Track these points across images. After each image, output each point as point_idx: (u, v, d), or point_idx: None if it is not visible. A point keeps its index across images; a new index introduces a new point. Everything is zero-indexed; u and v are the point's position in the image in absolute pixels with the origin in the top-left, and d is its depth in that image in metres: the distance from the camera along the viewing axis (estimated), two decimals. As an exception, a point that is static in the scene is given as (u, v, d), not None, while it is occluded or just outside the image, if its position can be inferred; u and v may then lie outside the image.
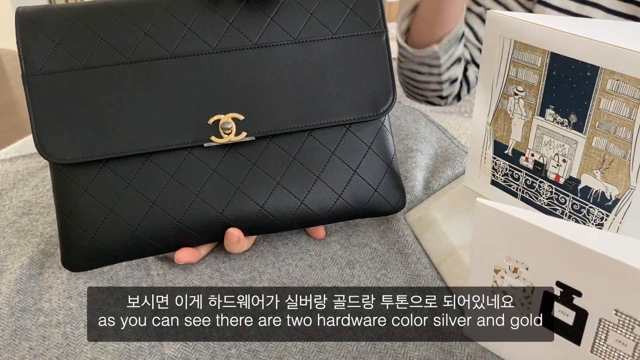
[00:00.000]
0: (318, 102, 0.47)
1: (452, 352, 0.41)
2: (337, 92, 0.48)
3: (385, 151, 0.50)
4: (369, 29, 0.49)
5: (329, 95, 0.48)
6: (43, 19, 0.45)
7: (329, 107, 0.48)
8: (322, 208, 0.48)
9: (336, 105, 0.48)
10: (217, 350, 0.41)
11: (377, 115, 0.49)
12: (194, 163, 0.46)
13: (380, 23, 0.49)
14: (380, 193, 0.50)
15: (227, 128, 0.46)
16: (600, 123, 0.43)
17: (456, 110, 2.05)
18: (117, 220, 0.45)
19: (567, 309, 0.34)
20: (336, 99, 0.48)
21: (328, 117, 0.48)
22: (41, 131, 0.44)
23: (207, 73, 0.46)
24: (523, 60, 0.47)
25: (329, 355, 0.41)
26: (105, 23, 0.45)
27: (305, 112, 0.47)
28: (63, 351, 0.42)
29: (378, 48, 0.49)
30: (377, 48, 0.49)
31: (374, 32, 0.49)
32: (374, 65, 0.48)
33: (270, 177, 0.47)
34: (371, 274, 0.48)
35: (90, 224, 0.45)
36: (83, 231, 0.45)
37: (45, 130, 0.44)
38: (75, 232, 0.45)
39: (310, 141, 0.48)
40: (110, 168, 0.45)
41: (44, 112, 0.44)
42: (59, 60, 0.45)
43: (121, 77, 0.45)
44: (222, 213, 0.46)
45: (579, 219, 0.48)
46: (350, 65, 0.48)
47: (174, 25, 0.46)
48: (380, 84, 0.49)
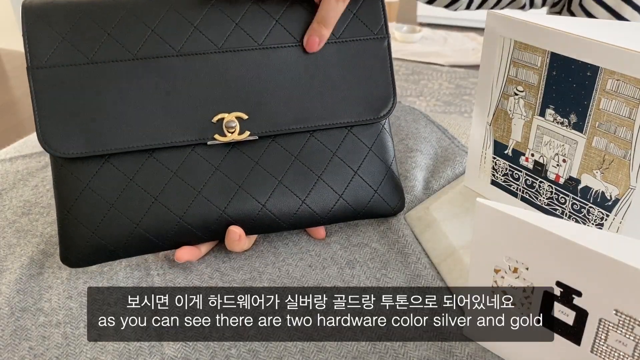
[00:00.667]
0: (320, 104, 0.48)
1: (452, 352, 0.41)
2: (339, 94, 0.48)
3: (385, 153, 0.51)
4: (372, 34, 0.49)
5: (331, 97, 0.48)
6: (50, 13, 0.45)
7: (331, 109, 0.48)
8: (323, 208, 0.49)
9: (338, 108, 0.48)
10: (217, 350, 0.41)
11: (378, 118, 0.49)
12: (196, 161, 0.46)
13: (383, 29, 0.50)
14: (380, 194, 0.50)
15: (231, 127, 0.46)
16: (600, 123, 0.43)
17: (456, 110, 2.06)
18: (118, 216, 0.45)
19: (567, 309, 0.34)
20: (338, 102, 0.48)
21: (330, 119, 0.48)
22: (45, 124, 0.44)
23: (212, 72, 0.46)
24: (523, 60, 0.47)
25: (329, 355, 0.41)
26: (112, 19, 0.45)
27: (308, 113, 0.48)
28: (63, 351, 0.42)
29: (380, 53, 0.49)
30: (379, 53, 0.49)
31: (376, 38, 0.49)
32: (375, 69, 0.49)
33: (273, 176, 0.47)
34: (371, 274, 0.48)
35: (91, 219, 0.45)
36: (84, 226, 0.45)
37: (48, 123, 0.44)
38: (75, 228, 0.45)
39: (312, 142, 0.49)
40: (112, 164, 0.45)
41: (48, 105, 0.44)
42: (65, 54, 0.44)
43: (127, 73, 0.45)
44: (224, 211, 0.46)
45: (579, 219, 0.48)
46: (353, 69, 0.49)
47: (181, 23, 0.46)
48: (381, 87, 0.49)
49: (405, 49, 2.60)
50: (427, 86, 2.25)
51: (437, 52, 2.57)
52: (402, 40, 2.68)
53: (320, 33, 0.46)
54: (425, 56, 2.52)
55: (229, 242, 0.47)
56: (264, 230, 0.49)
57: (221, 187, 0.46)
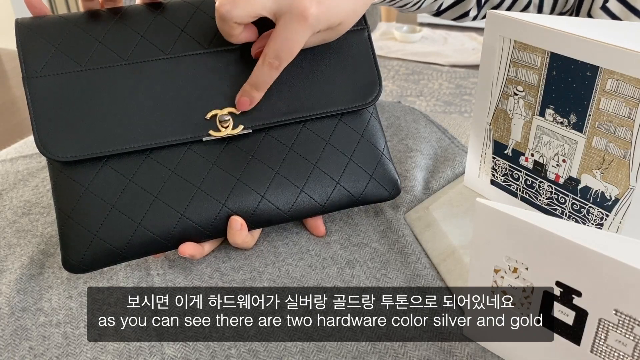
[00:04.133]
0: (310, 95, 0.50)
1: (452, 352, 0.41)
2: (327, 84, 0.50)
3: (376, 139, 0.53)
4: (352, 27, 0.51)
5: (319, 87, 0.50)
6: (42, 26, 0.47)
7: (321, 99, 0.50)
8: (322, 195, 0.50)
9: (327, 97, 0.50)
10: (217, 350, 0.41)
11: (366, 104, 0.51)
12: (194, 158, 0.47)
13: (361, 21, 0.52)
14: (376, 179, 0.52)
15: (225, 120, 0.47)
16: (600, 123, 0.43)
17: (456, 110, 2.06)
18: (119, 216, 0.45)
19: (567, 309, 0.34)
20: (327, 91, 0.50)
21: (320, 108, 0.50)
22: (42, 130, 0.45)
23: (202, 71, 0.48)
24: (523, 60, 0.47)
25: (329, 355, 0.41)
26: (102, 28, 0.47)
27: (299, 104, 0.50)
28: (63, 351, 0.42)
29: (361, 43, 0.52)
30: (361, 43, 0.52)
31: (356, 29, 0.52)
32: (359, 58, 0.52)
33: (269, 167, 0.48)
34: (371, 274, 0.48)
35: (92, 221, 0.45)
36: (85, 229, 0.45)
37: (46, 129, 0.45)
38: (77, 231, 0.45)
39: (305, 132, 0.50)
40: (111, 166, 0.46)
41: (44, 111, 0.45)
42: (59, 63, 0.46)
43: (120, 77, 0.46)
44: (225, 204, 0.47)
45: (578, 219, 0.48)
46: (338, 60, 0.51)
47: (169, 27, 0.48)
48: (367, 75, 0.52)
49: (405, 49, 2.60)
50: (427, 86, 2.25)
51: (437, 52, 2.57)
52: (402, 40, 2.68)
53: (251, 95, 0.47)
54: (425, 56, 2.52)
55: (231, 233, 0.47)
56: (265, 223, 0.49)
57: (220, 181, 0.47)
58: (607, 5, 0.66)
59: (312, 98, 0.50)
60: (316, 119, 0.51)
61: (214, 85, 0.48)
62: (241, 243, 0.48)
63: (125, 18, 0.48)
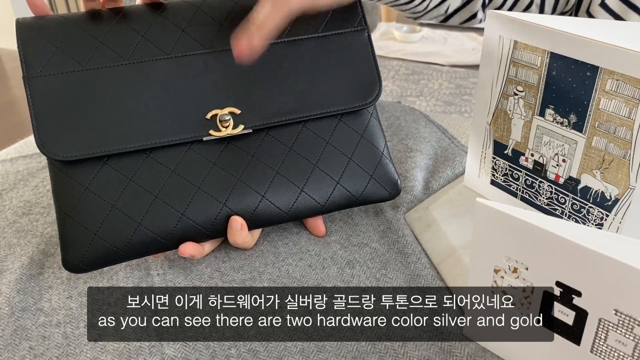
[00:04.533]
0: (310, 95, 0.50)
1: (452, 352, 0.41)
2: (327, 85, 0.51)
3: (376, 139, 0.53)
4: (352, 27, 0.52)
5: (320, 88, 0.50)
6: (43, 26, 0.47)
7: (321, 99, 0.50)
8: (322, 195, 0.50)
9: (327, 97, 0.50)
10: (217, 350, 0.41)
11: (366, 104, 0.51)
12: (194, 158, 0.47)
13: (361, 22, 0.53)
14: (376, 179, 0.52)
15: (225, 120, 0.47)
16: (599, 123, 0.43)
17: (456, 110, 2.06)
18: (120, 216, 0.45)
19: (567, 309, 0.34)
20: (327, 91, 0.51)
21: (320, 109, 0.50)
22: (42, 129, 0.45)
23: (202, 71, 0.48)
24: (523, 60, 0.47)
25: (329, 355, 0.41)
26: (103, 28, 0.47)
27: (299, 104, 0.50)
28: (63, 351, 0.42)
29: (361, 44, 0.52)
30: (361, 44, 0.52)
31: (356, 30, 0.52)
32: (359, 59, 0.52)
33: (269, 167, 0.49)
34: (371, 274, 0.48)
35: (92, 221, 0.45)
36: (86, 229, 0.45)
37: (46, 128, 0.45)
38: (77, 231, 0.45)
39: (305, 132, 0.50)
40: (111, 165, 0.46)
41: (44, 111, 0.45)
42: (60, 63, 0.46)
43: (120, 77, 0.46)
44: (225, 203, 0.47)
45: (578, 219, 0.48)
46: (337, 60, 0.51)
47: (170, 28, 0.48)
48: (366, 75, 0.52)
49: (405, 49, 2.59)
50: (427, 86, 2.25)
51: (437, 52, 2.57)
52: (402, 40, 2.68)
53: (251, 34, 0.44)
54: (425, 56, 2.52)
55: (231, 233, 0.47)
56: (266, 223, 0.49)
57: (220, 181, 0.47)
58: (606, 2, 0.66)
59: (312, 98, 0.50)
60: (316, 119, 0.51)
61: (215, 85, 0.48)
62: (241, 243, 0.48)
63: (126, 18, 0.48)
